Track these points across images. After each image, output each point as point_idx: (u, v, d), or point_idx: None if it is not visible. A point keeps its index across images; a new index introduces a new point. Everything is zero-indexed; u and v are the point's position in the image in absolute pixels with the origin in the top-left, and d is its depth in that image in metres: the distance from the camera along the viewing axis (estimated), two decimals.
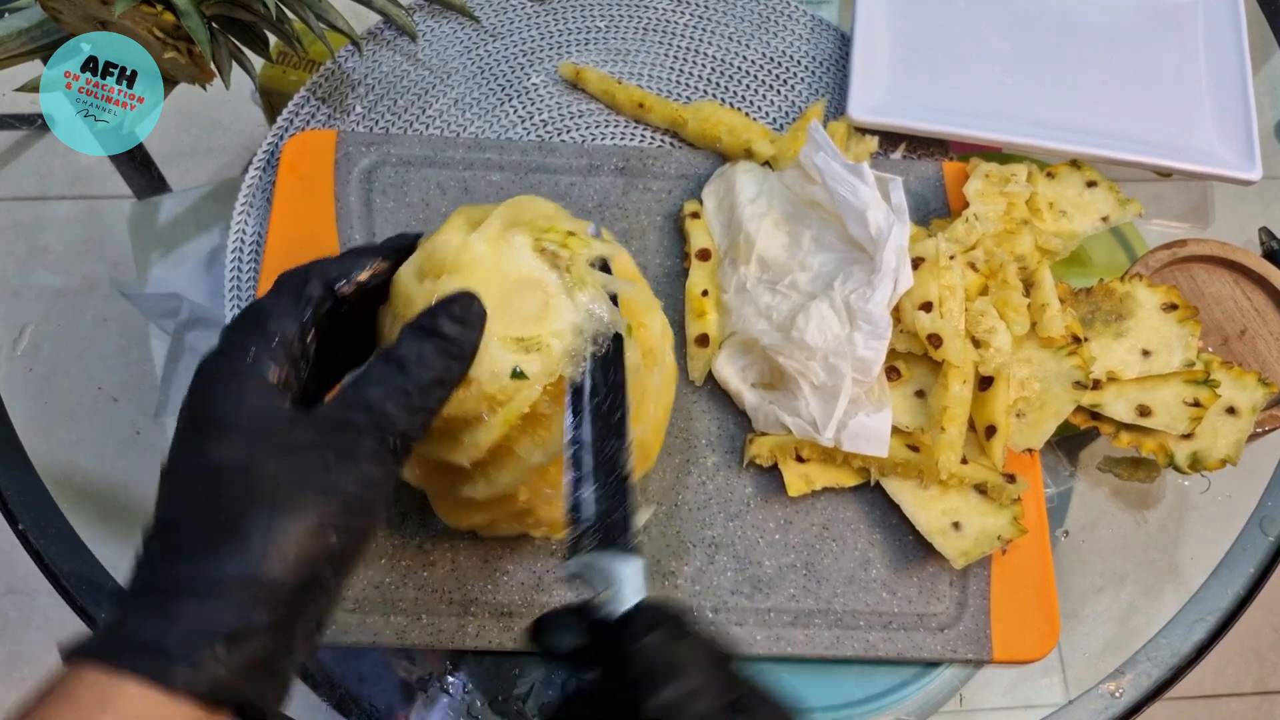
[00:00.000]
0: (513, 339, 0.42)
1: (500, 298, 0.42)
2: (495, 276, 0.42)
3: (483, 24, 0.71)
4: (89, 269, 0.72)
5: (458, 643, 0.52)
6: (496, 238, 0.43)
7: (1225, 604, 0.59)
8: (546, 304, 0.42)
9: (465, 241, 0.43)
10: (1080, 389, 0.54)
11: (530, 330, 0.42)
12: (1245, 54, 0.69)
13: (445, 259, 0.43)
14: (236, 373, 0.38)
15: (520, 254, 0.43)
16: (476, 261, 0.42)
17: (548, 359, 0.42)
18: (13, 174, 0.74)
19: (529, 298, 0.42)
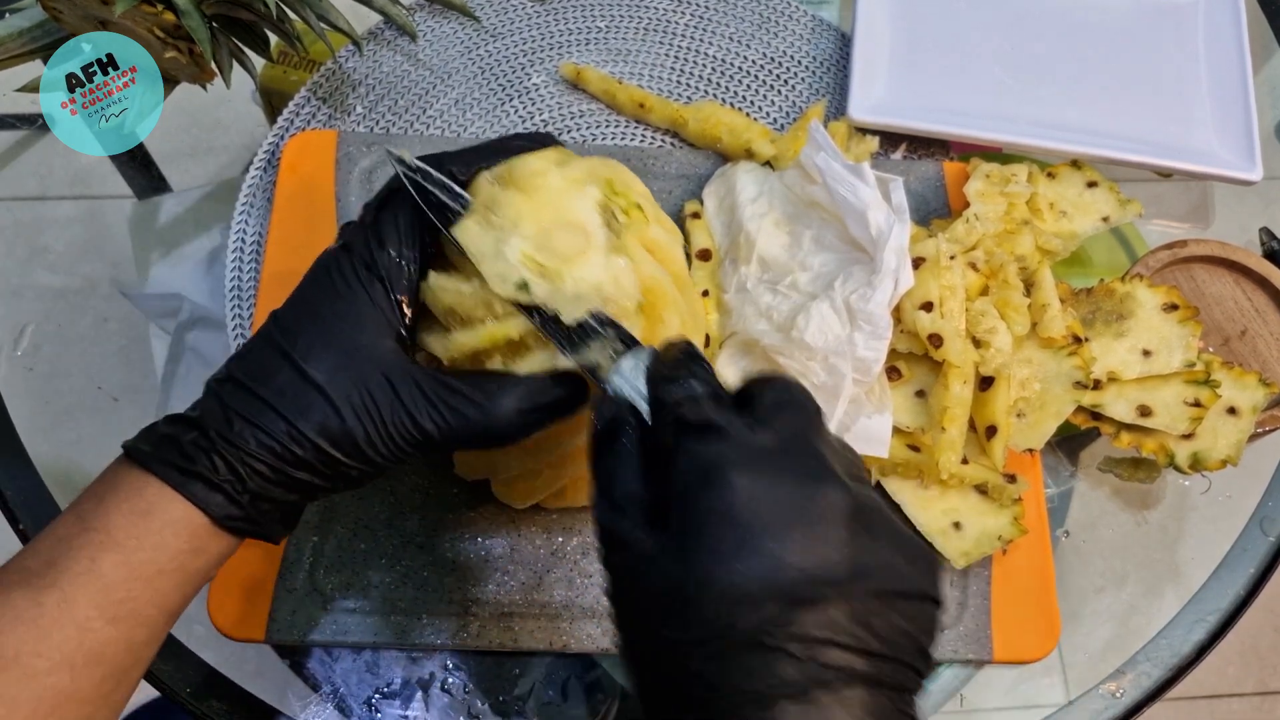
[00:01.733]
0: (535, 260, 0.42)
1: (546, 225, 0.43)
2: (552, 208, 0.43)
3: (483, 24, 0.71)
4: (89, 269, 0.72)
5: (458, 642, 0.52)
6: (574, 180, 0.44)
7: (1226, 604, 0.59)
8: (583, 252, 0.43)
9: (545, 168, 0.44)
10: (1081, 389, 0.54)
11: (555, 263, 0.42)
12: (1245, 54, 0.69)
13: (521, 177, 0.43)
14: (351, 291, 0.42)
15: (585, 202, 0.44)
16: (544, 190, 0.43)
17: (555, 291, 0.42)
18: (13, 174, 0.74)
19: (570, 238, 0.43)
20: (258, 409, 0.39)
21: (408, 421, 0.40)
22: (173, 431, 0.40)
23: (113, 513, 0.38)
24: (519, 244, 0.42)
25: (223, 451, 0.39)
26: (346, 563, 0.53)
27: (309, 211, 0.62)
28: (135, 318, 0.69)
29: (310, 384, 0.40)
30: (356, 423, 0.40)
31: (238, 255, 0.63)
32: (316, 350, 0.40)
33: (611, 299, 0.43)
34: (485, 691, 0.54)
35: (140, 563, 0.38)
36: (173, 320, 0.66)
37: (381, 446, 0.40)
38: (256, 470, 0.39)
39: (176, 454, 0.39)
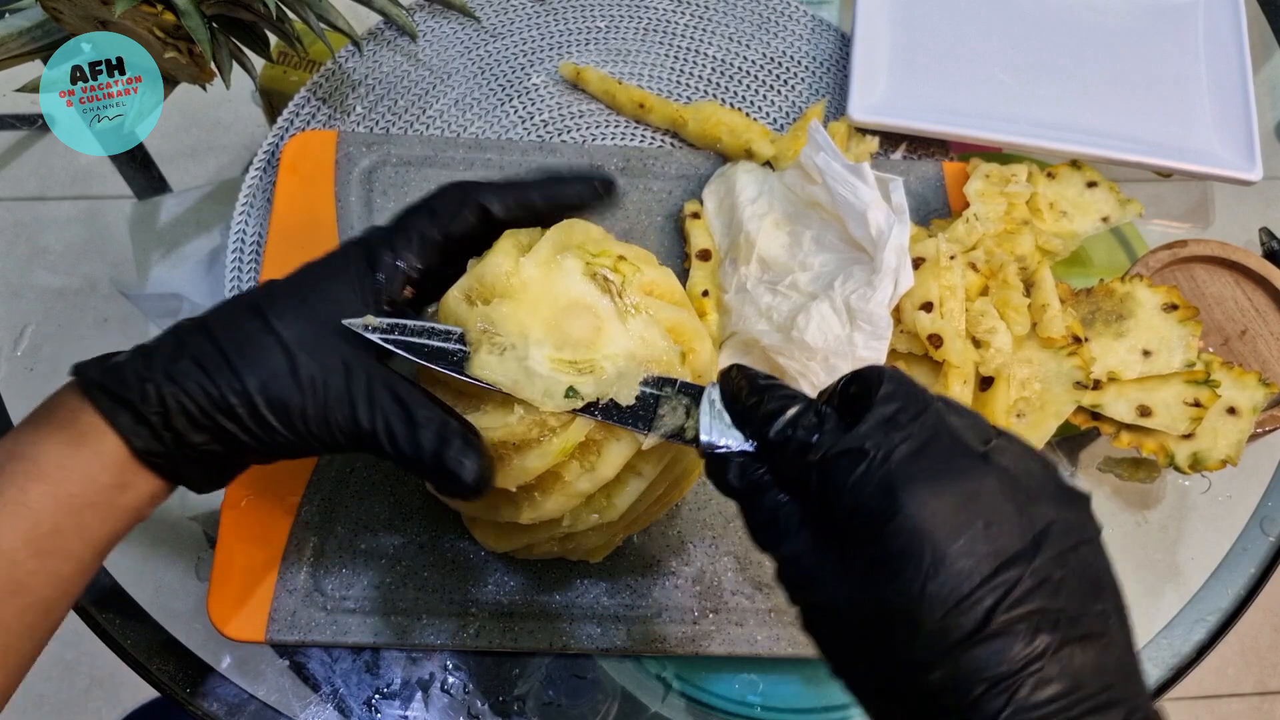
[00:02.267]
0: (565, 361, 0.41)
1: (551, 321, 0.41)
2: (546, 300, 0.42)
3: (483, 24, 0.71)
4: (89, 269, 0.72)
5: (458, 643, 0.52)
6: (548, 261, 0.43)
7: (1226, 604, 0.59)
8: (599, 329, 0.42)
9: (516, 265, 0.42)
10: (1081, 389, 0.54)
11: (583, 354, 0.41)
12: (1245, 54, 0.69)
13: (496, 283, 0.42)
14: (345, 274, 0.42)
15: (572, 278, 0.42)
16: (528, 285, 0.42)
17: (601, 381, 0.41)
18: (13, 174, 0.74)
19: (580, 322, 0.42)
20: (209, 352, 0.39)
21: (347, 412, 0.40)
22: (122, 359, 0.40)
23: (45, 440, 0.38)
24: (542, 354, 0.41)
25: (160, 384, 0.39)
26: (346, 563, 0.53)
27: (309, 212, 0.62)
28: (135, 318, 0.69)
29: (272, 340, 0.40)
30: (297, 393, 0.40)
31: (237, 255, 0.63)
32: (289, 315, 0.41)
33: (651, 359, 0.42)
34: (485, 692, 0.54)
35: (67, 495, 0.37)
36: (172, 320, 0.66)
37: (315, 426, 0.40)
38: (186, 409, 0.39)
39: (115, 380, 0.39)
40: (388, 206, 0.63)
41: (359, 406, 0.40)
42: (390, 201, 0.63)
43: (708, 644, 0.52)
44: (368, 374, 0.40)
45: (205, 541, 0.61)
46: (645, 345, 0.42)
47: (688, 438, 0.40)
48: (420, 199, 0.45)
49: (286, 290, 0.42)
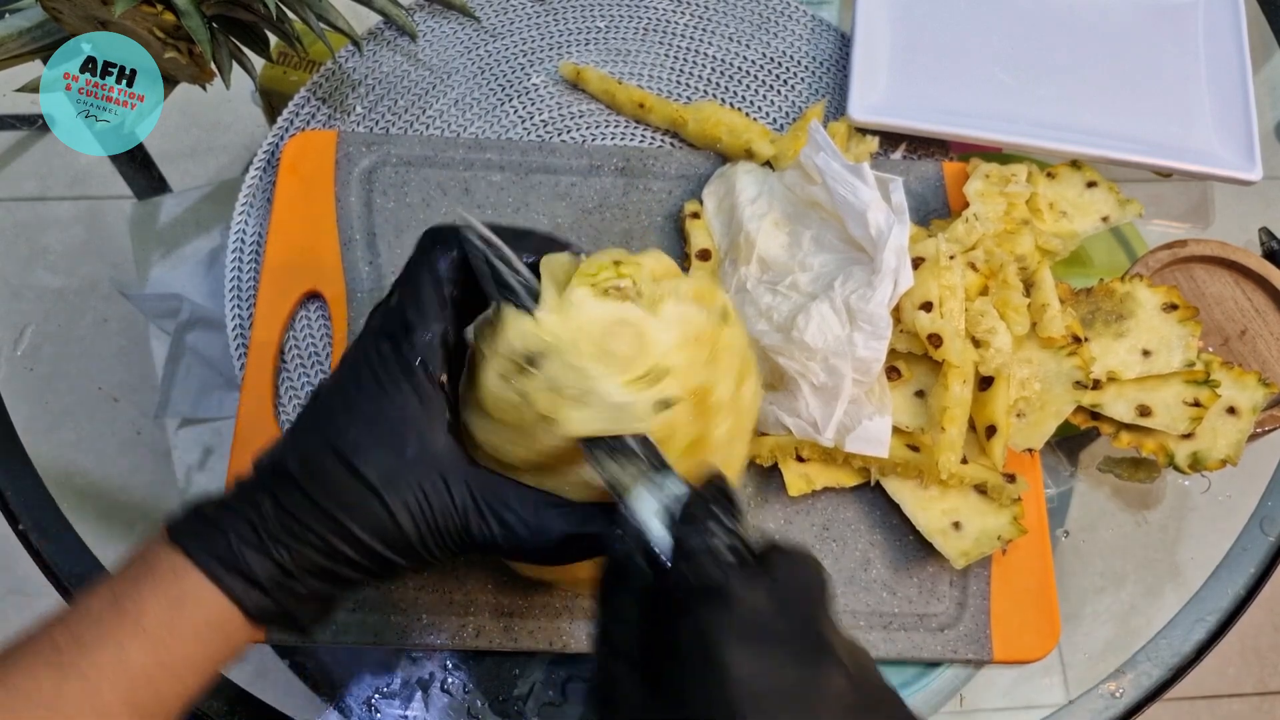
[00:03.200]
0: (636, 379, 0.40)
1: (598, 353, 0.40)
2: (582, 338, 0.41)
3: (483, 24, 0.71)
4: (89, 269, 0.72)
5: (458, 643, 0.52)
6: (558, 305, 0.41)
7: (1226, 604, 0.59)
8: (640, 335, 0.41)
9: (536, 322, 0.41)
10: (1080, 389, 0.54)
11: (642, 366, 0.40)
12: (1245, 54, 0.69)
13: (528, 347, 0.40)
14: (396, 386, 0.40)
15: (586, 305, 0.41)
16: (557, 334, 0.40)
17: (680, 374, 0.40)
18: (13, 174, 0.74)
19: (622, 339, 0.41)
20: (307, 507, 0.39)
21: (459, 528, 0.40)
22: (217, 518, 0.39)
23: (148, 597, 0.37)
24: (615, 385, 0.40)
25: (268, 548, 0.38)
26: None
27: (309, 212, 0.62)
28: (135, 318, 0.69)
29: (363, 484, 0.39)
30: (410, 524, 0.39)
31: (237, 256, 0.63)
32: (367, 448, 0.39)
33: (699, 332, 0.41)
34: (485, 691, 0.54)
35: (169, 654, 0.37)
36: (173, 320, 0.66)
37: (434, 547, 0.40)
38: (301, 568, 0.39)
39: (221, 545, 0.38)
40: (388, 206, 0.63)
41: (470, 519, 0.40)
42: (390, 201, 0.63)
43: None
44: (466, 483, 0.40)
45: None
46: (688, 323, 0.42)
47: (620, 495, 0.39)
48: (408, 264, 0.43)
49: (352, 421, 0.40)
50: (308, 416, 0.41)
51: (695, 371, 0.41)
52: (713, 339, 0.42)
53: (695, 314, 0.42)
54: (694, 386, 0.41)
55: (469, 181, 0.64)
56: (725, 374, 0.43)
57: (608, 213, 0.63)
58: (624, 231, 0.63)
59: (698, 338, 0.42)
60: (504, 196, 0.63)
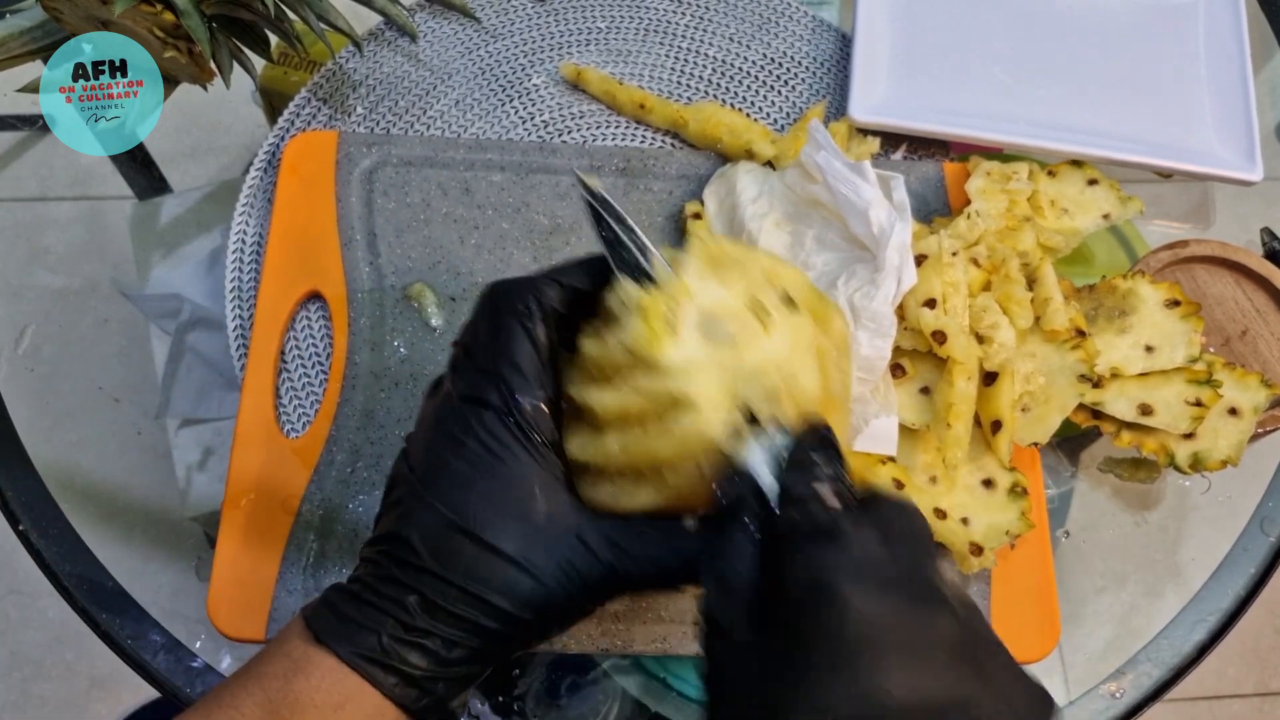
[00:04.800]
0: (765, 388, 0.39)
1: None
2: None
3: (484, 24, 0.71)
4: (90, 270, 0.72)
5: None
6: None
7: (1226, 604, 0.59)
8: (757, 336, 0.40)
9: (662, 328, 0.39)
10: (1085, 382, 0.54)
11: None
12: (1245, 54, 0.69)
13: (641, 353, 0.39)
14: (511, 454, 0.39)
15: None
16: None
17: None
18: (14, 175, 0.74)
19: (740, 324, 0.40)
20: (454, 595, 0.38)
21: (607, 576, 0.39)
22: (363, 619, 0.38)
23: (303, 700, 0.37)
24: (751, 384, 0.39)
25: (421, 643, 0.37)
26: (347, 563, 0.53)
27: (309, 212, 0.62)
28: (135, 318, 0.69)
29: (503, 559, 0.38)
30: (560, 587, 0.38)
31: (238, 256, 0.63)
32: (497, 522, 0.38)
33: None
34: (485, 691, 0.54)
35: None
36: (173, 321, 0.66)
37: (587, 601, 0.39)
38: (456, 656, 0.38)
39: (374, 647, 0.37)
40: (388, 207, 0.63)
41: (619, 567, 0.39)
42: (391, 202, 0.63)
43: None
44: (600, 532, 0.39)
45: (205, 541, 0.61)
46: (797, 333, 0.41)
47: (730, 448, 0.38)
48: (484, 314, 0.42)
49: (474, 496, 0.39)
50: (415, 498, 0.39)
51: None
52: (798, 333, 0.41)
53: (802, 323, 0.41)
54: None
55: (470, 182, 0.64)
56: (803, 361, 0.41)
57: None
58: None
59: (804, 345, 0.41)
60: (504, 197, 0.63)
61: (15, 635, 1.18)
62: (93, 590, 0.57)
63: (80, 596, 0.57)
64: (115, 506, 0.63)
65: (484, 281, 0.60)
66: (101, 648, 0.56)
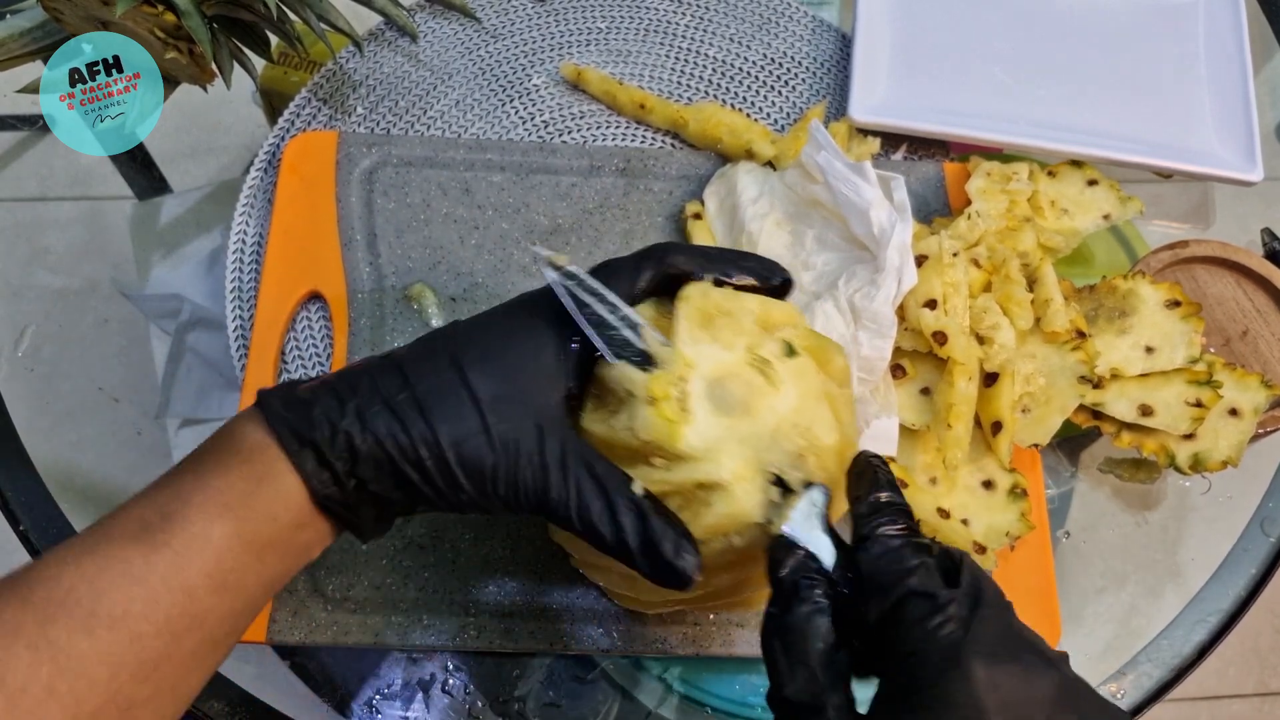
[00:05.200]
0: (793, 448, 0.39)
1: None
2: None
3: (484, 24, 0.71)
4: (90, 270, 0.72)
5: (458, 643, 0.52)
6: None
7: (1226, 605, 0.59)
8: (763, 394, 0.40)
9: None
10: (1085, 383, 0.54)
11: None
12: (1246, 54, 0.69)
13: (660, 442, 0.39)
14: (543, 333, 0.41)
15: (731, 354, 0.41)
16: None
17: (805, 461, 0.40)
18: (14, 175, 0.74)
19: (742, 386, 0.40)
20: (403, 400, 0.38)
21: (538, 478, 0.39)
22: (309, 396, 0.39)
23: (232, 473, 0.37)
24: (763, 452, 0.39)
25: (348, 429, 0.38)
26: (348, 564, 0.53)
27: (310, 213, 0.62)
28: (135, 318, 0.69)
29: (467, 396, 0.39)
30: (489, 452, 0.38)
31: (238, 256, 0.63)
32: (486, 369, 0.39)
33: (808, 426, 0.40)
34: (485, 692, 0.54)
35: (251, 533, 0.37)
36: (173, 321, 0.66)
37: (503, 488, 0.39)
38: (374, 456, 0.38)
39: (303, 419, 0.38)
40: (388, 207, 0.63)
41: (551, 474, 0.39)
42: (391, 202, 0.63)
43: (709, 645, 0.52)
44: (562, 442, 0.39)
45: None
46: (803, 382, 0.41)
47: (768, 515, 0.39)
48: (634, 260, 0.43)
49: (482, 341, 0.40)
50: (443, 330, 0.42)
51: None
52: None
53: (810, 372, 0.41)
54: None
55: (470, 182, 0.64)
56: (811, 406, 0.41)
57: (608, 213, 0.63)
58: (625, 232, 0.63)
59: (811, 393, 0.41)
60: (505, 197, 0.63)
61: None
62: None
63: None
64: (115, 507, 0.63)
65: (484, 282, 0.61)
66: None
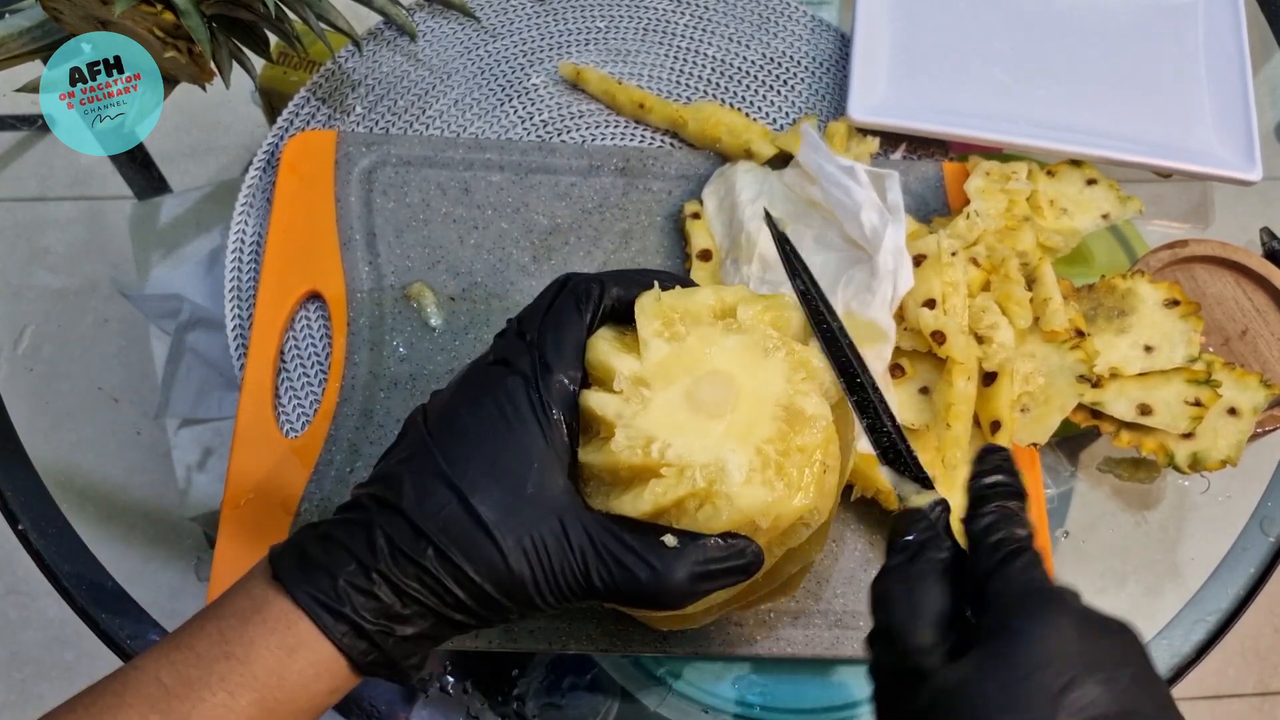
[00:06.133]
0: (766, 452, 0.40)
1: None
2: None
3: (483, 24, 0.71)
4: (90, 269, 0.72)
5: (458, 643, 0.52)
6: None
7: (1226, 604, 0.59)
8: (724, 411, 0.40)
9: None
10: (1084, 382, 0.54)
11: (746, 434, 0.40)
12: (1245, 54, 0.69)
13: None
14: (523, 423, 0.39)
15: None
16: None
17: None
18: (14, 175, 0.74)
19: (715, 393, 0.41)
20: (420, 547, 0.37)
21: (579, 573, 0.38)
22: (324, 556, 0.38)
23: (258, 642, 0.36)
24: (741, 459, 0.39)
25: (378, 593, 0.37)
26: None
27: (309, 212, 0.62)
28: (135, 318, 0.69)
29: (479, 524, 0.37)
30: (525, 568, 0.37)
31: (237, 256, 0.63)
32: (485, 485, 0.38)
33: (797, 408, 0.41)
34: (485, 692, 0.54)
35: (278, 702, 0.36)
36: (173, 321, 0.66)
37: (549, 594, 0.38)
38: (409, 611, 0.37)
39: (328, 590, 0.37)
40: (387, 206, 0.63)
41: (589, 564, 0.38)
42: (390, 201, 0.63)
43: (708, 644, 0.52)
44: (585, 528, 0.38)
45: (205, 541, 0.61)
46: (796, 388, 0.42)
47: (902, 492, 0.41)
48: (552, 303, 0.42)
49: (467, 451, 0.39)
50: (418, 444, 0.39)
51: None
52: None
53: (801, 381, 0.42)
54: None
55: (469, 182, 0.64)
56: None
57: (608, 213, 0.63)
58: (624, 232, 0.63)
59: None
60: (504, 197, 0.63)
61: (15, 635, 1.18)
62: (92, 590, 0.57)
63: (80, 596, 0.57)
64: (115, 506, 0.63)
65: (483, 282, 0.61)
66: (101, 648, 0.56)
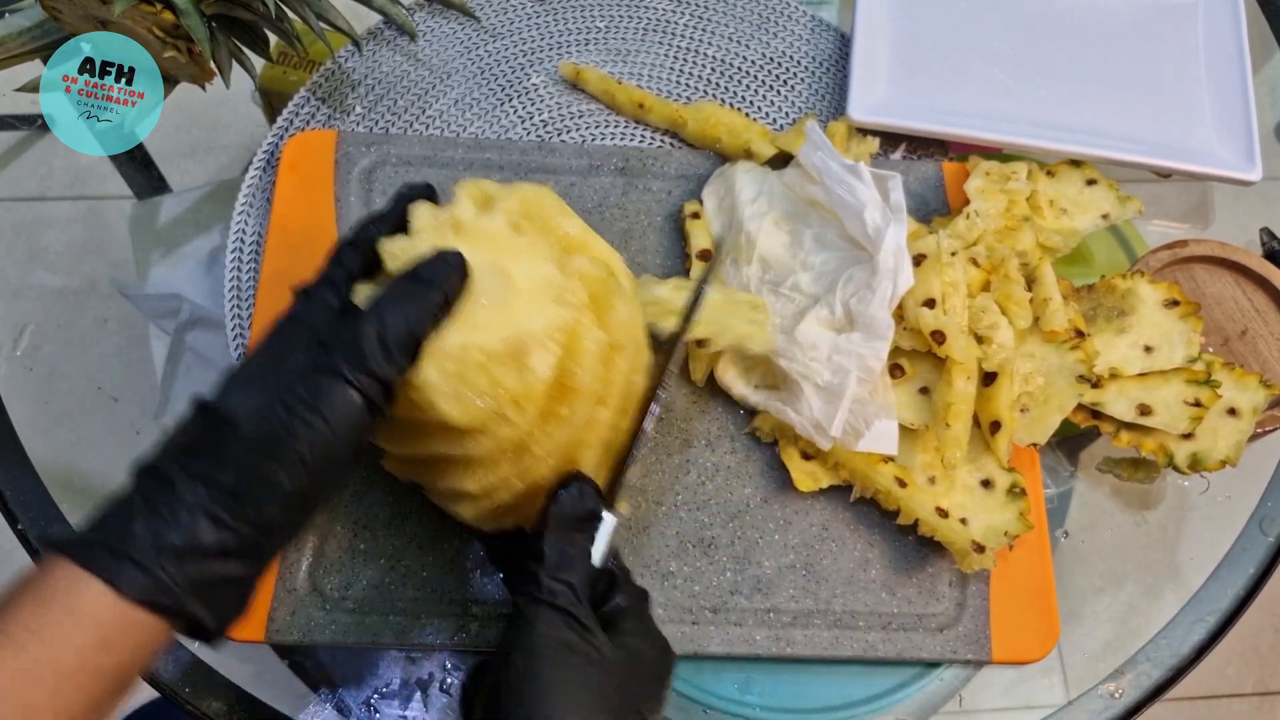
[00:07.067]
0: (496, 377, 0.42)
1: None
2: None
3: (483, 24, 0.71)
4: (89, 269, 0.72)
5: (457, 643, 0.52)
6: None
7: (1225, 604, 0.59)
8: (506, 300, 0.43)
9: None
10: (1084, 382, 0.54)
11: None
12: (1245, 54, 0.69)
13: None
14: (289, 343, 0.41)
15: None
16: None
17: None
18: (13, 174, 0.74)
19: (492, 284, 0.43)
20: (181, 460, 0.36)
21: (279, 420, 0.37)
22: (101, 505, 0.36)
23: (20, 601, 0.33)
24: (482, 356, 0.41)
25: (142, 511, 0.35)
26: (346, 563, 0.53)
27: (308, 212, 0.62)
28: (135, 318, 0.69)
29: (227, 419, 0.37)
30: (285, 427, 0.37)
31: (237, 255, 0.63)
32: (238, 393, 0.39)
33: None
34: None
35: (35, 662, 0.32)
36: (172, 320, 0.66)
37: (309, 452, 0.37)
38: (181, 518, 0.35)
39: (93, 526, 0.35)
40: None
41: (334, 405, 0.38)
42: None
43: (707, 644, 0.52)
44: (308, 383, 0.38)
45: None
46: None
47: None
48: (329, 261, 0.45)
49: (236, 381, 0.40)
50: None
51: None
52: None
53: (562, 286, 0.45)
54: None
55: None
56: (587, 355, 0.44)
57: (607, 212, 0.63)
58: (623, 231, 0.63)
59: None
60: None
61: None
62: None
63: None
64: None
65: None
66: None
